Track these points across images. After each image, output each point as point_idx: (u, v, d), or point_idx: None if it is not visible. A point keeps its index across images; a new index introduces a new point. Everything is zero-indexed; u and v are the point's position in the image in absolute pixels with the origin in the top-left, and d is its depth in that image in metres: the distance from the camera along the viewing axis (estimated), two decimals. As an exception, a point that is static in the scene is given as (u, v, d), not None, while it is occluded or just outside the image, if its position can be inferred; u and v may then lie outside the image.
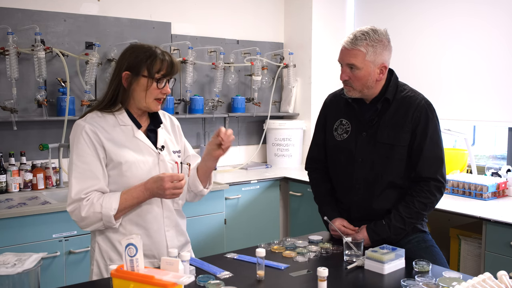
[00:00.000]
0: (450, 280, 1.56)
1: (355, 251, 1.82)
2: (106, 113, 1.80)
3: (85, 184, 1.72)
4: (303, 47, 4.35)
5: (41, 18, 3.29)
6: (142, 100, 1.78)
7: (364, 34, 1.95)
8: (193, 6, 4.00)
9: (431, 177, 2.00)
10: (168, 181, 1.69)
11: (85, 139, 1.73)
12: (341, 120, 2.15)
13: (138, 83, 1.77)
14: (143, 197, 1.75)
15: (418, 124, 2.00)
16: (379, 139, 2.03)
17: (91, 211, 1.70)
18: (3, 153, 3.10)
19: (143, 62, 1.75)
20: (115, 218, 1.72)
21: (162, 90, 1.79)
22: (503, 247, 2.51)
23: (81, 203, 1.70)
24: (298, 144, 4.30)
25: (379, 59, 1.97)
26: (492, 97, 3.40)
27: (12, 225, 2.61)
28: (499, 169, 3.26)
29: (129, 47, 1.82)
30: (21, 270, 1.37)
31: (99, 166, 1.74)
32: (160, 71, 1.76)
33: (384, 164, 2.03)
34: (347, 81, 2.01)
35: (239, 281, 1.64)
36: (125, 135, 1.80)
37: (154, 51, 1.77)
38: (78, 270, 2.80)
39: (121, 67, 1.78)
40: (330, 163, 2.20)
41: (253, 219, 3.68)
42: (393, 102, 2.04)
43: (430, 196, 2.00)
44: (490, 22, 3.37)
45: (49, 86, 3.33)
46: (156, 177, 1.72)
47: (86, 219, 1.71)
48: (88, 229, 1.76)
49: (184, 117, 3.87)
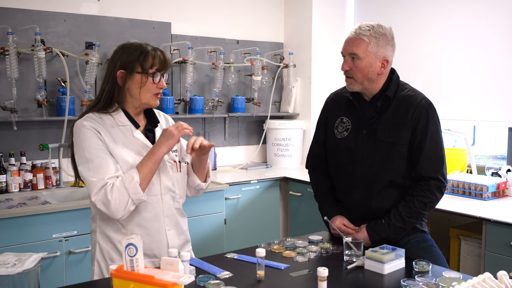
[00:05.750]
0: (450, 280, 1.56)
1: (355, 251, 1.82)
2: (103, 114, 1.81)
3: (103, 173, 1.70)
4: (303, 47, 4.35)
5: (41, 18, 3.29)
6: (140, 96, 1.80)
7: (369, 26, 2.00)
8: (193, 6, 4.00)
9: (432, 176, 2.00)
10: (174, 126, 1.76)
11: (91, 135, 1.74)
12: (341, 118, 2.16)
13: (133, 80, 1.78)
14: (157, 156, 1.74)
15: (418, 123, 2.00)
16: (379, 137, 2.03)
17: (116, 191, 1.68)
18: (3, 153, 3.10)
19: (135, 59, 1.77)
20: (141, 189, 1.71)
21: (158, 84, 1.81)
22: (503, 247, 2.51)
23: (105, 188, 1.69)
24: (298, 144, 4.30)
25: (381, 52, 1.99)
26: (492, 97, 3.40)
27: (12, 225, 2.61)
28: (499, 169, 3.26)
29: (119, 47, 1.84)
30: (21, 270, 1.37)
31: (110, 155, 1.75)
32: (154, 66, 1.79)
33: (384, 163, 2.03)
34: (348, 71, 2.03)
35: (239, 281, 1.64)
36: (124, 135, 1.81)
37: (145, 48, 1.80)
38: (78, 270, 2.80)
39: (114, 66, 1.80)
40: (330, 161, 2.21)
41: (253, 219, 3.68)
42: (394, 101, 2.05)
43: (430, 196, 1.99)
44: (490, 22, 3.37)
45: (49, 86, 3.33)
46: (164, 131, 1.78)
47: (113, 201, 1.68)
48: (119, 213, 1.70)
49: (184, 117, 3.87)
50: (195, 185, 1.98)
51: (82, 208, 2.79)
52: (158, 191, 1.83)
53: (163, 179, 1.84)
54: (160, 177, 1.83)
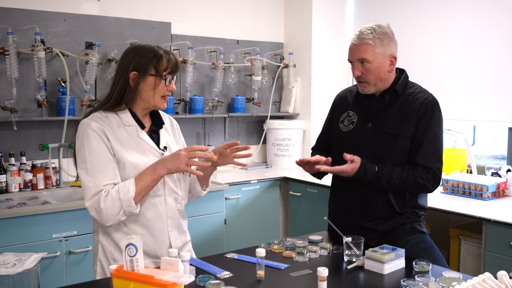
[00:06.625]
0: (450, 280, 1.56)
1: (355, 251, 1.82)
2: (109, 113, 1.81)
3: (100, 179, 1.71)
4: (303, 47, 4.35)
5: (41, 18, 3.29)
6: (151, 98, 1.81)
7: (369, 29, 2.03)
8: (193, 6, 4.00)
9: (429, 167, 2.02)
10: (185, 150, 1.74)
11: (95, 136, 1.74)
12: (348, 112, 2.19)
13: (146, 82, 1.79)
14: (158, 174, 1.73)
15: (422, 117, 2.04)
16: (384, 129, 2.06)
17: (109, 200, 1.69)
18: (3, 153, 3.10)
19: (149, 61, 1.79)
20: (135, 202, 1.71)
21: (169, 87, 1.84)
22: (503, 247, 2.51)
23: (100, 196, 1.70)
24: (298, 144, 4.29)
25: (388, 50, 2.04)
26: (492, 97, 3.40)
27: (12, 225, 2.61)
28: (499, 169, 3.26)
29: (132, 49, 1.84)
30: (21, 270, 1.37)
31: (112, 161, 1.75)
32: (167, 69, 1.81)
33: (386, 155, 2.05)
34: (361, 76, 2.06)
35: (239, 281, 1.64)
36: (130, 136, 1.81)
37: (158, 51, 1.82)
38: (78, 270, 2.80)
39: (126, 68, 1.80)
40: (335, 155, 2.21)
41: (253, 219, 3.67)
42: (401, 97, 2.09)
43: (425, 180, 2.01)
44: (490, 22, 3.37)
45: (49, 86, 3.33)
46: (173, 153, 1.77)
47: (104, 210, 1.69)
48: (109, 221, 1.72)
49: (184, 117, 3.87)
50: (196, 191, 2.02)
51: (82, 208, 2.79)
52: (162, 192, 1.84)
53: (167, 180, 1.85)
54: (164, 179, 1.84)
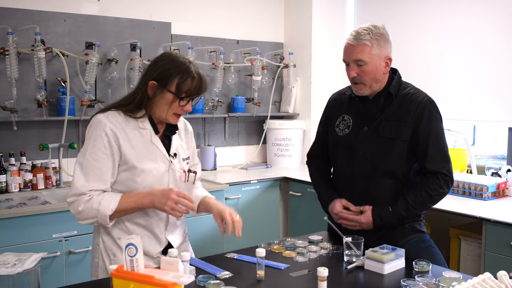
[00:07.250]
0: (450, 280, 1.56)
1: (355, 251, 1.82)
2: (128, 117, 1.79)
3: (91, 182, 1.71)
4: (303, 47, 4.35)
5: (41, 18, 3.29)
6: (163, 113, 1.78)
7: (366, 29, 2.00)
8: (193, 6, 4.00)
9: (439, 171, 2.01)
10: (176, 193, 1.71)
11: (104, 138, 1.72)
12: (343, 116, 2.17)
13: (163, 97, 1.75)
14: (141, 203, 1.74)
15: (421, 120, 2.02)
16: (381, 133, 2.05)
17: (89, 206, 1.70)
18: (3, 153, 3.10)
19: (173, 76, 1.72)
20: (110, 218, 1.72)
21: (184, 107, 1.78)
22: (503, 247, 2.51)
23: (82, 197, 1.70)
24: (298, 144, 4.30)
25: (384, 52, 2.01)
26: (492, 97, 3.40)
27: (12, 225, 2.61)
28: (499, 169, 3.26)
29: (165, 56, 1.80)
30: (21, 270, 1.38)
31: (110, 168, 1.74)
32: (187, 92, 1.75)
33: (383, 158, 2.04)
34: (356, 77, 2.03)
35: (239, 281, 1.64)
36: (143, 139, 1.79)
37: (188, 68, 1.73)
38: (78, 270, 2.80)
39: (150, 74, 1.76)
40: (332, 159, 2.22)
41: (253, 219, 3.67)
42: (396, 99, 2.07)
43: (438, 189, 2.01)
44: (490, 22, 3.37)
45: (49, 86, 3.33)
46: (167, 188, 1.75)
47: (82, 212, 1.71)
48: (83, 223, 1.75)
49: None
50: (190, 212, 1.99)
51: (82, 208, 2.79)
52: None
53: (171, 186, 1.83)
54: (168, 185, 1.83)
